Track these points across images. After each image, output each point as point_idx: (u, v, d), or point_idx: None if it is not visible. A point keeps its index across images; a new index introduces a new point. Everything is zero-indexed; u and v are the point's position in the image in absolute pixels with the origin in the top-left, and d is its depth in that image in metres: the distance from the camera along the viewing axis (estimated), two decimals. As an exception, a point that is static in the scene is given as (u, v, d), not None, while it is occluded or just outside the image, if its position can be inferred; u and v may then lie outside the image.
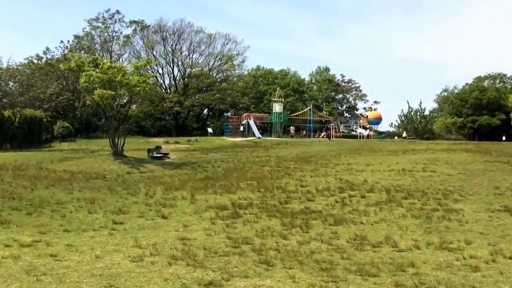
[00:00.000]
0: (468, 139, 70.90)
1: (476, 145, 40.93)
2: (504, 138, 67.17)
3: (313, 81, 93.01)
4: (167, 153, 34.61)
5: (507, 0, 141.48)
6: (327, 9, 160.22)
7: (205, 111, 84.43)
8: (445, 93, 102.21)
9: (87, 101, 34.91)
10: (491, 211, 12.95)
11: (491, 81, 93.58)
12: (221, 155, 34.64)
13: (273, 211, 13.61)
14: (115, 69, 30.42)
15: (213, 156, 34.37)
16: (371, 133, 69.81)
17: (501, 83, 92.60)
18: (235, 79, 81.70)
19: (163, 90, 78.40)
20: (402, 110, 74.36)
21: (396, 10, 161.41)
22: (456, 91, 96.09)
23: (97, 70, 30.91)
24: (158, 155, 33.27)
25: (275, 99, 65.39)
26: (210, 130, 67.38)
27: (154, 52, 75.71)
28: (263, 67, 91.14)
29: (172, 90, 77.98)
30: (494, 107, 75.86)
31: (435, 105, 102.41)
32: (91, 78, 29.83)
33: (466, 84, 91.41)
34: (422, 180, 19.65)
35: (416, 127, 72.25)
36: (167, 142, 47.72)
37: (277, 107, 63.86)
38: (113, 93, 29.79)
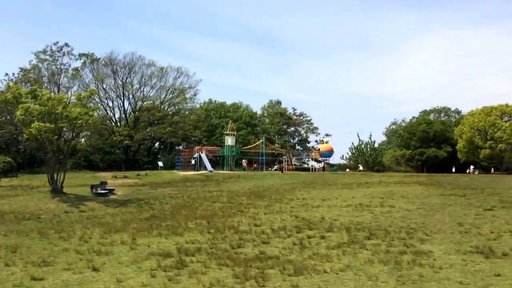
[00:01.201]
0: (417, 171, 72.37)
1: (428, 177, 41.08)
2: (454, 169, 69.41)
3: (265, 114, 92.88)
4: (113, 189, 32.73)
5: (447, 40, 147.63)
6: (277, 44, 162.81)
7: (156, 144, 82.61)
8: (394, 126, 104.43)
9: (24, 135, 32.56)
10: (463, 253, 11.76)
11: (437, 115, 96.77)
12: (170, 190, 33.18)
13: (224, 258, 11.97)
14: (55, 101, 28.47)
15: (162, 191, 32.83)
16: (326, 165, 69.78)
17: (446, 116, 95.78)
18: (187, 112, 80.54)
19: (113, 123, 76.19)
20: (352, 143, 75.26)
21: (344, 48, 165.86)
22: (404, 124, 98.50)
23: (35, 101, 28.94)
24: (102, 191, 31.41)
25: (227, 132, 64.61)
26: (160, 164, 65.67)
27: (104, 85, 74.20)
28: (215, 100, 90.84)
29: (123, 123, 75.84)
30: (441, 140, 78.07)
31: (384, 138, 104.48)
32: (28, 110, 27.80)
33: (413, 117, 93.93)
34: (382, 216, 18.57)
35: (367, 159, 72.80)
36: (115, 177, 45.98)
37: (229, 140, 63.16)
38: (53, 126, 27.78)
